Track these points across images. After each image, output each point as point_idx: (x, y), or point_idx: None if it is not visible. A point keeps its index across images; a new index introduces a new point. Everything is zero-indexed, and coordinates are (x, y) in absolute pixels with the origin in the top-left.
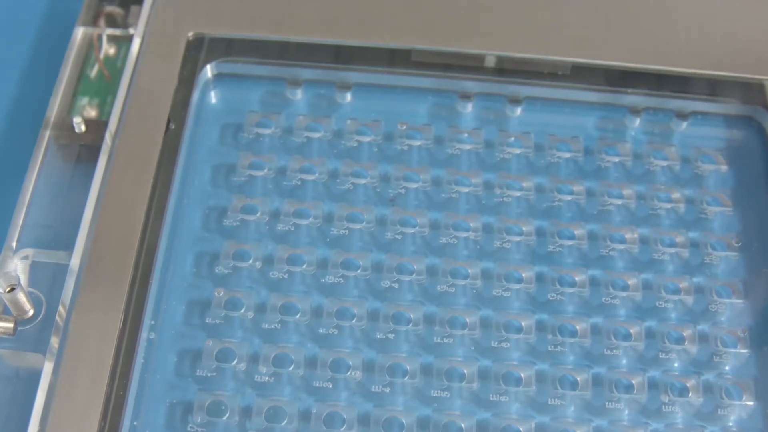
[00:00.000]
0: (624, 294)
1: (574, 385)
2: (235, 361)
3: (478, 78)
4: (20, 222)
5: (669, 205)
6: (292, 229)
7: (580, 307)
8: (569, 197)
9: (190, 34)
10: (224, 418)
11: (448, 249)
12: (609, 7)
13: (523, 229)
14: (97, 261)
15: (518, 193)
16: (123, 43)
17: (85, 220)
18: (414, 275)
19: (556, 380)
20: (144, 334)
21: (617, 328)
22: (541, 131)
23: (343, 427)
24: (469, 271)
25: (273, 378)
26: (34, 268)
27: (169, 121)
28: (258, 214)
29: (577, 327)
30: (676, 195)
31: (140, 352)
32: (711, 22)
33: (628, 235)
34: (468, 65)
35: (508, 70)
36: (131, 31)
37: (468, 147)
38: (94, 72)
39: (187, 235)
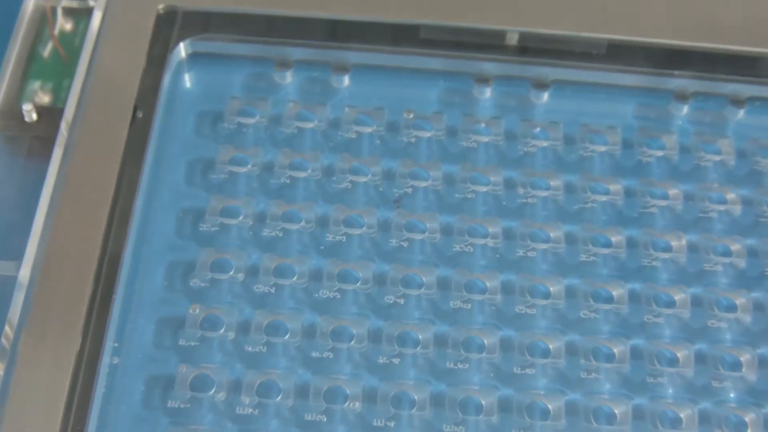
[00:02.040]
0: (669, 311)
1: (611, 418)
2: (213, 390)
3: (497, 58)
4: None
5: (722, 207)
6: (281, 234)
7: (617, 326)
8: (604, 198)
9: (161, 6)
10: None
11: (462, 258)
12: None
13: (551, 235)
14: (51, 272)
15: (545, 193)
16: (82, 17)
17: (37, 225)
18: (423, 289)
19: (589, 413)
20: (106, 359)
21: (661, 351)
22: (572, 120)
23: None
24: (488, 284)
25: (258, 410)
26: None
27: (135, 109)
28: (240, 218)
29: (615, 350)
30: (730, 195)
31: (101, 380)
32: None
33: (674, 243)
34: (486, 43)
35: (533, 49)
36: (91, 2)
37: (486, 139)
38: (47, 51)
39: (158, 243)
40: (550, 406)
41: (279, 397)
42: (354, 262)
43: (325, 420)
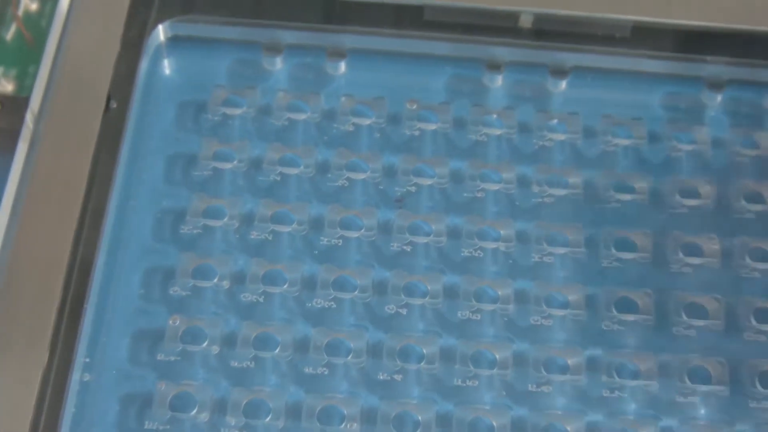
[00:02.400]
0: (701, 323)
1: None
2: (195, 410)
3: (510, 42)
4: None
5: (760, 207)
6: (270, 238)
7: (644, 339)
8: (629, 197)
9: None
10: None
11: (471, 264)
12: None
13: (570, 238)
14: (16, 280)
15: (563, 192)
16: None
17: None
18: (428, 298)
19: None
20: (76, 375)
21: (693, 370)
22: (593, 111)
23: None
24: (499, 292)
25: None
26: None
27: (109, 99)
28: (226, 219)
29: (640, 366)
30: None
31: (71, 399)
32: None
33: (705, 246)
34: (498, 26)
35: (550, 32)
36: None
37: (498, 132)
38: (10, 34)
39: (134, 247)
40: (568, 428)
41: (268, 418)
42: (351, 268)
43: None
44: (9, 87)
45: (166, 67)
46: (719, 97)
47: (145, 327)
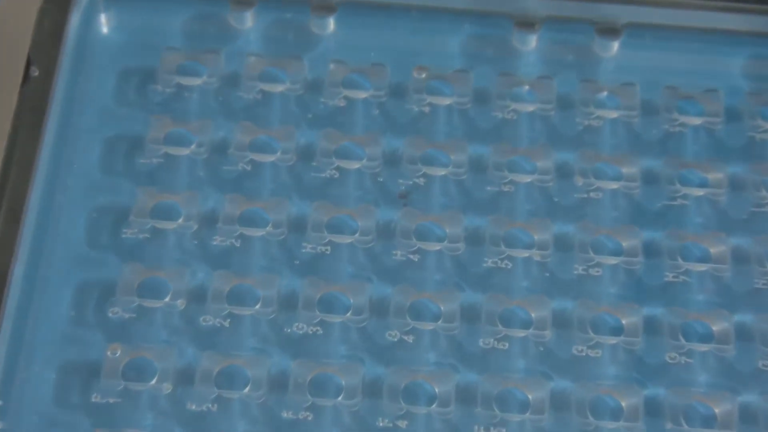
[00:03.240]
0: None
1: None
2: None
3: None
4: None
5: None
6: (238, 244)
7: (716, 373)
8: (700, 191)
9: None
10: None
11: (496, 278)
12: None
13: (623, 244)
14: None
15: (614, 185)
16: None
17: None
18: (440, 322)
19: None
20: None
21: None
22: (653, 81)
23: None
24: (532, 314)
25: None
26: None
27: (29, 65)
28: (181, 220)
29: (715, 409)
30: None
31: None
32: None
33: None
34: None
35: None
36: None
37: (530, 108)
38: None
39: (61, 255)
40: None
41: None
42: (342, 284)
43: None
44: None
45: (103, 23)
46: None
47: (77, 359)
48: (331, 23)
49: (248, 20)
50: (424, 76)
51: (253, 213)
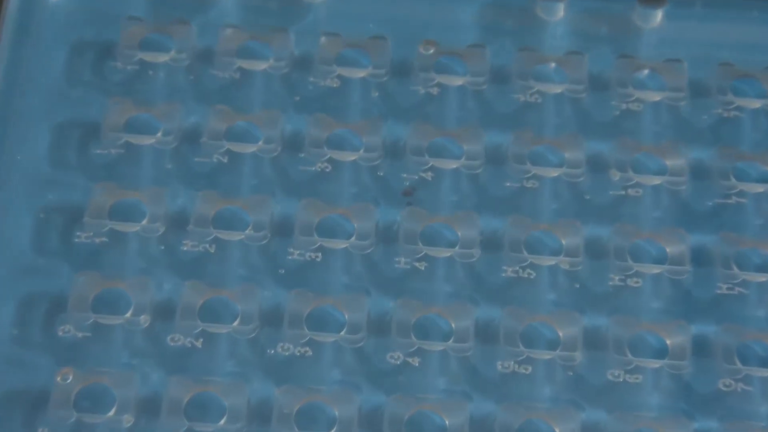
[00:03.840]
0: None
1: None
2: None
3: None
4: None
5: None
6: (212, 250)
7: None
8: (760, 188)
9: None
10: None
11: (518, 290)
12: None
13: (667, 250)
14: None
15: (656, 180)
16: None
17: None
18: (451, 342)
19: None
20: None
21: None
22: (702, 57)
23: None
24: (560, 333)
25: None
26: None
27: None
28: (145, 221)
29: None
30: None
31: None
32: None
33: None
34: None
35: None
36: None
37: (557, 89)
38: None
39: (4, 263)
40: None
41: None
42: (335, 296)
43: None
44: None
45: None
46: None
47: (20, 386)
48: None
49: None
50: (432, 51)
51: (230, 213)
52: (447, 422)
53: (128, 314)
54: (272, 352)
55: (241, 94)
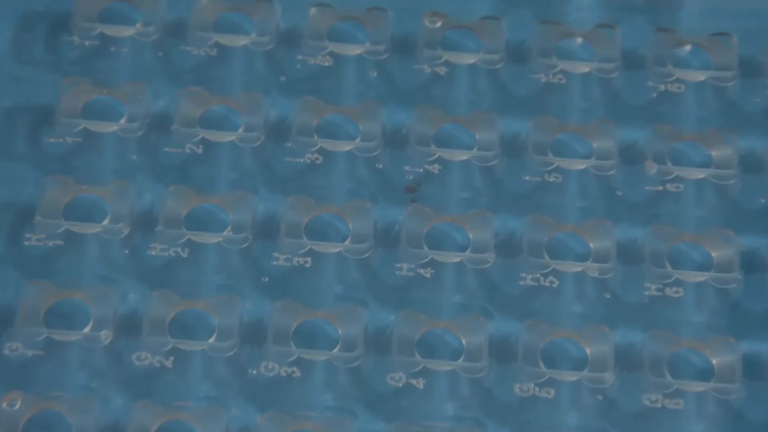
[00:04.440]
0: None
1: None
2: None
3: None
4: None
5: None
6: (185, 254)
7: None
8: None
9: None
10: None
11: (537, 300)
12: None
13: (713, 254)
14: None
15: (700, 174)
16: None
17: None
18: (461, 360)
19: None
20: None
21: None
22: (753, 30)
23: None
24: (587, 350)
25: None
26: None
27: None
28: (107, 221)
29: None
30: None
31: None
32: None
33: None
34: None
35: None
36: None
37: (584, 68)
38: None
39: None
40: None
41: None
42: (327, 308)
43: None
44: None
45: None
46: None
47: None
48: None
49: None
50: (439, 25)
51: (205, 211)
52: None
53: (87, 329)
54: (254, 372)
55: (218, 73)
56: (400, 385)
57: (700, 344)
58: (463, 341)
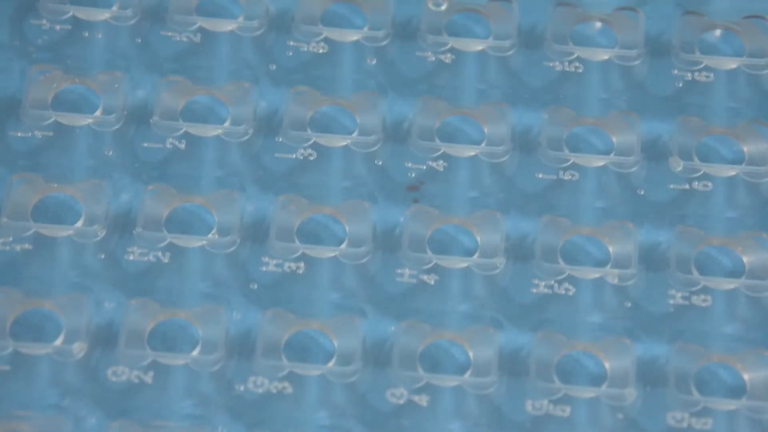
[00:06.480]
0: None
1: None
2: None
3: None
4: None
5: None
6: (166, 260)
7: None
8: None
9: None
10: None
11: (551, 309)
12: None
13: (744, 260)
14: None
15: (731, 171)
16: None
17: None
18: (468, 374)
19: None
20: None
21: None
22: None
23: None
24: (606, 364)
25: None
26: None
27: None
28: (80, 223)
29: None
30: None
31: None
32: None
33: None
34: None
35: None
36: None
37: (604, 55)
38: None
39: None
40: None
41: None
42: (322, 318)
43: None
44: None
45: None
46: None
47: None
48: None
49: None
50: (444, 8)
51: (188, 213)
52: None
53: (58, 341)
54: (242, 388)
55: (202, 61)
56: (402, 403)
57: (731, 358)
58: (471, 354)
